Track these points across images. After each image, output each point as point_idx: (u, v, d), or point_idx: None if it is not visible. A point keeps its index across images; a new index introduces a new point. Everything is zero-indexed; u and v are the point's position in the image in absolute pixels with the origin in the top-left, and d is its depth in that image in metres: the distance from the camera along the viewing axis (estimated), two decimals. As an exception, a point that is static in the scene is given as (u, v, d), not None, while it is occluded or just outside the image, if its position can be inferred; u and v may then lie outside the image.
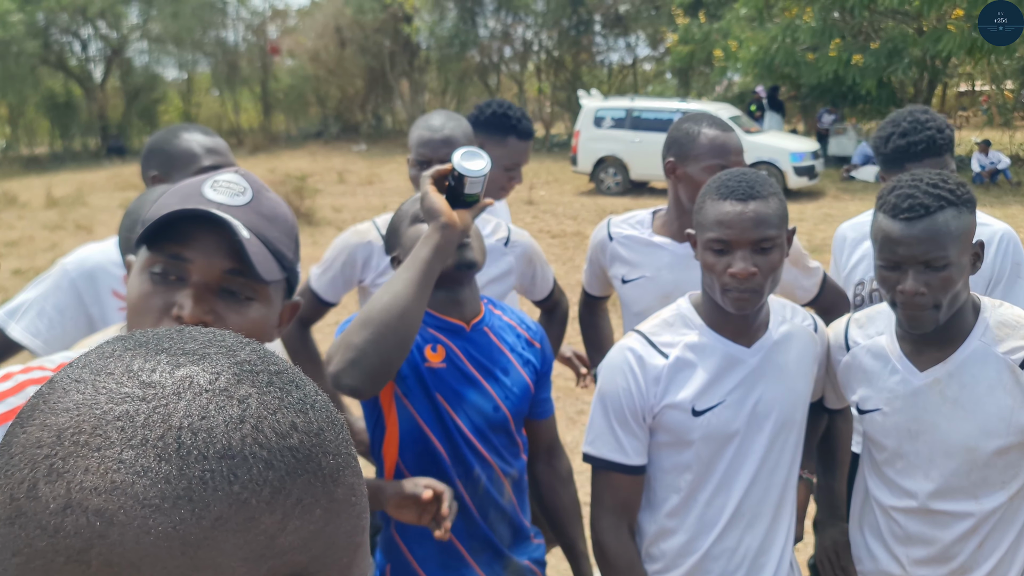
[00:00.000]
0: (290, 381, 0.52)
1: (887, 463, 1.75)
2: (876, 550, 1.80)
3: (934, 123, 2.20)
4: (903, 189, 1.60)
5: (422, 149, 2.31)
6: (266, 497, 0.46)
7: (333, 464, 0.51)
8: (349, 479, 0.52)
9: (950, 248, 1.56)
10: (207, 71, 28.61)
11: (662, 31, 21.16)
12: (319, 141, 25.33)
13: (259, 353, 0.53)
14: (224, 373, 0.49)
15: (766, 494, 1.75)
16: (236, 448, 0.46)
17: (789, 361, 1.76)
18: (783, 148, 13.59)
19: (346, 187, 15.91)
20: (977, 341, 1.66)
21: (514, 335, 1.89)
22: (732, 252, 1.65)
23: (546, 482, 2.00)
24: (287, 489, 0.47)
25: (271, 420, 0.48)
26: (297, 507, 0.48)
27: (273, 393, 0.50)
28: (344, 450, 0.53)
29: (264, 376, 0.51)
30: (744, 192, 1.65)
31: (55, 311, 2.00)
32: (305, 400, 0.52)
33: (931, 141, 2.18)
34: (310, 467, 0.49)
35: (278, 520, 0.47)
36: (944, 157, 2.20)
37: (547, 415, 1.99)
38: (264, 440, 0.47)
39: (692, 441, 1.72)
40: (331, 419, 0.53)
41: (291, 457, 0.48)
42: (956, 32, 13.06)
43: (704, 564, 1.76)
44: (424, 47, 24.94)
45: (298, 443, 0.49)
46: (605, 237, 2.46)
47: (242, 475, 0.46)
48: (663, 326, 1.78)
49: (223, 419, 0.47)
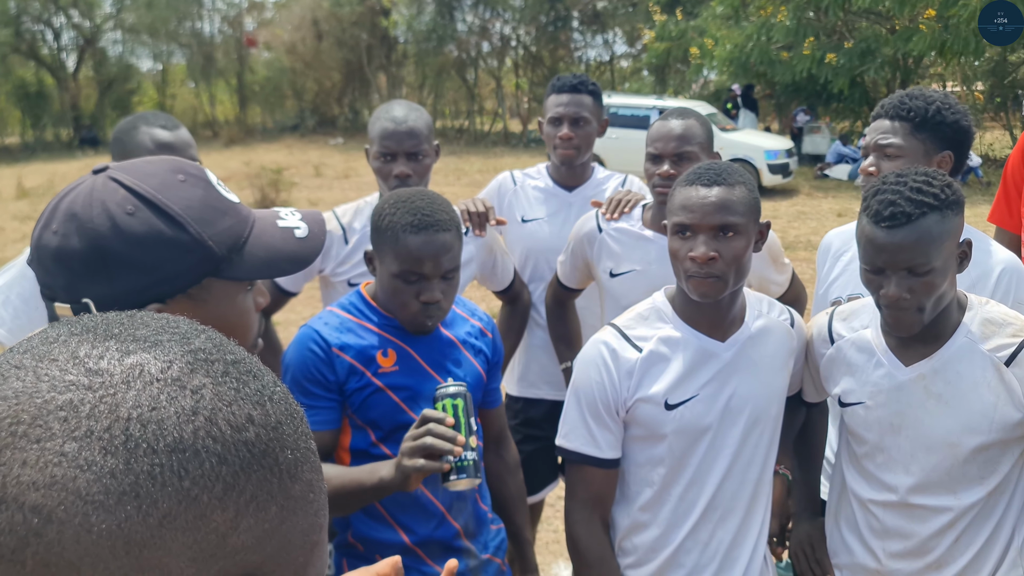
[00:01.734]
0: (247, 371, 0.49)
1: (867, 456, 1.76)
2: (852, 543, 1.81)
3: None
4: (886, 194, 1.59)
5: (387, 142, 2.32)
6: (218, 493, 0.44)
7: (291, 459, 0.48)
8: (307, 475, 0.49)
9: (932, 254, 1.56)
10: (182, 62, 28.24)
11: (639, 28, 21.20)
12: (295, 134, 25.08)
13: (215, 341, 0.50)
14: (177, 361, 0.47)
15: (740, 488, 1.76)
16: (188, 441, 0.44)
17: (764, 356, 1.77)
18: (758, 146, 13.69)
19: (322, 180, 15.80)
20: (963, 338, 1.67)
21: (466, 326, 1.91)
22: (695, 236, 1.66)
23: (494, 471, 2.01)
24: (241, 485, 0.45)
25: (226, 412, 0.46)
26: (251, 504, 0.45)
27: (229, 384, 0.47)
28: (303, 444, 0.50)
29: (220, 365, 0.48)
30: (710, 178, 1.67)
31: (20, 300, 1.97)
32: (263, 392, 0.49)
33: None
34: (266, 462, 0.46)
35: (231, 518, 0.44)
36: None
37: (496, 404, 2.01)
38: (218, 433, 0.45)
39: (665, 435, 1.72)
40: (290, 412, 0.50)
41: (246, 452, 0.46)
42: (927, 32, 13.21)
43: (677, 557, 1.77)
44: (402, 41, 24.79)
45: (254, 437, 0.46)
46: (594, 229, 2.44)
47: (193, 470, 0.43)
48: (638, 319, 1.79)
49: (175, 410, 0.44)
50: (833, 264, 2.26)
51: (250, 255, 0.94)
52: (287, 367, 1.78)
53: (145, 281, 0.89)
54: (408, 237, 1.68)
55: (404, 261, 1.69)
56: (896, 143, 2.01)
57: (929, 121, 1.99)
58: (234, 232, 0.94)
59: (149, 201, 0.90)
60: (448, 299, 1.76)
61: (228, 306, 0.94)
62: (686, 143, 2.28)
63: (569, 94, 2.64)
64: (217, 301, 0.93)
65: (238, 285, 0.96)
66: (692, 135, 2.30)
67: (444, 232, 1.70)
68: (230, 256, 0.93)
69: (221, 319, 0.91)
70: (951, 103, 2.03)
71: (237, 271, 0.93)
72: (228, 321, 0.93)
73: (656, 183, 2.30)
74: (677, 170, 2.26)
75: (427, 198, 1.74)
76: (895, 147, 2.01)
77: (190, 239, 0.90)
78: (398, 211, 1.71)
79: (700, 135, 2.32)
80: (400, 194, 1.76)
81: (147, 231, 0.89)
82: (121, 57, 27.13)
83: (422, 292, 1.71)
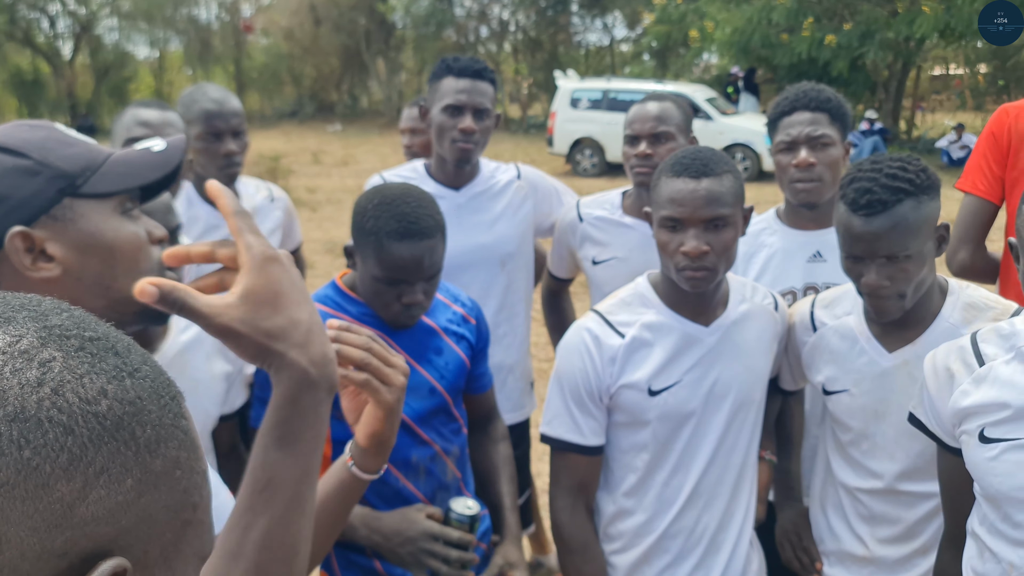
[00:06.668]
0: (108, 348, 0.49)
1: (852, 444, 1.75)
2: (839, 529, 1.81)
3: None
4: (862, 182, 1.58)
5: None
6: (63, 464, 0.44)
7: (151, 435, 0.48)
8: (172, 452, 0.50)
9: (910, 240, 1.55)
10: (179, 49, 28.17)
11: (640, 11, 21.10)
12: (293, 121, 25.05)
13: (76, 320, 0.50)
14: (28, 336, 0.47)
15: (724, 473, 1.76)
16: (30, 411, 0.44)
17: (748, 340, 1.76)
18: (758, 131, 13.62)
19: (321, 168, 15.76)
20: (945, 323, 1.66)
21: (448, 313, 1.87)
22: (685, 230, 1.64)
23: (478, 445, 1.97)
24: (89, 457, 0.45)
25: (74, 384, 0.46)
26: (102, 476, 0.46)
27: (83, 358, 0.47)
28: (169, 422, 0.50)
29: (75, 341, 0.48)
30: (697, 169, 1.64)
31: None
32: (123, 368, 0.49)
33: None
34: (120, 435, 0.47)
35: (77, 488, 0.45)
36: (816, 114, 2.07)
37: (485, 389, 1.98)
38: (64, 404, 0.45)
39: (648, 421, 1.72)
40: (156, 391, 0.50)
41: (96, 423, 0.46)
42: (930, 13, 13.13)
43: (662, 543, 1.76)
44: (400, 26, 24.70)
45: (106, 409, 0.46)
46: (575, 218, 2.45)
47: (35, 440, 0.44)
48: (620, 305, 1.77)
49: (18, 381, 0.45)
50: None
51: (108, 172, 0.96)
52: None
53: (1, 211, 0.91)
54: (392, 244, 1.62)
55: (388, 268, 1.64)
56: (827, 132, 2.05)
57: (838, 111, 2.08)
58: (85, 156, 0.95)
59: None
60: (429, 297, 1.72)
61: (99, 226, 0.94)
62: (663, 123, 2.28)
63: (471, 80, 2.32)
64: (87, 220, 0.94)
65: (106, 205, 0.96)
66: (669, 116, 2.29)
67: (429, 239, 1.64)
68: (85, 174, 0.94)
69: (98, 239, 0.93)
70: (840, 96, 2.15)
71: (96, 186, 0.94)
72: (107, 240, 0.94)
73: (634, 164, 2.29)
74: (654, 150, 2.26)
75: (413, 202, 1.66)
76: (828, 136, 2.05)
77: (32, 162, 0.92)
78: (382, 215, 1.64)
79: (677, 117, 2.31)
80: (386, 195, 1.68)
81: None
82: (117, 44, 27.10)
83: (404, 295, 1.67)
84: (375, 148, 18.43)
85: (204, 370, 1.70)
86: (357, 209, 1.71)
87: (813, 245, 2.10)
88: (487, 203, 2.45)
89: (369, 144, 18.98)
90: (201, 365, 1.69)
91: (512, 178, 2.53)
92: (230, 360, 1.69)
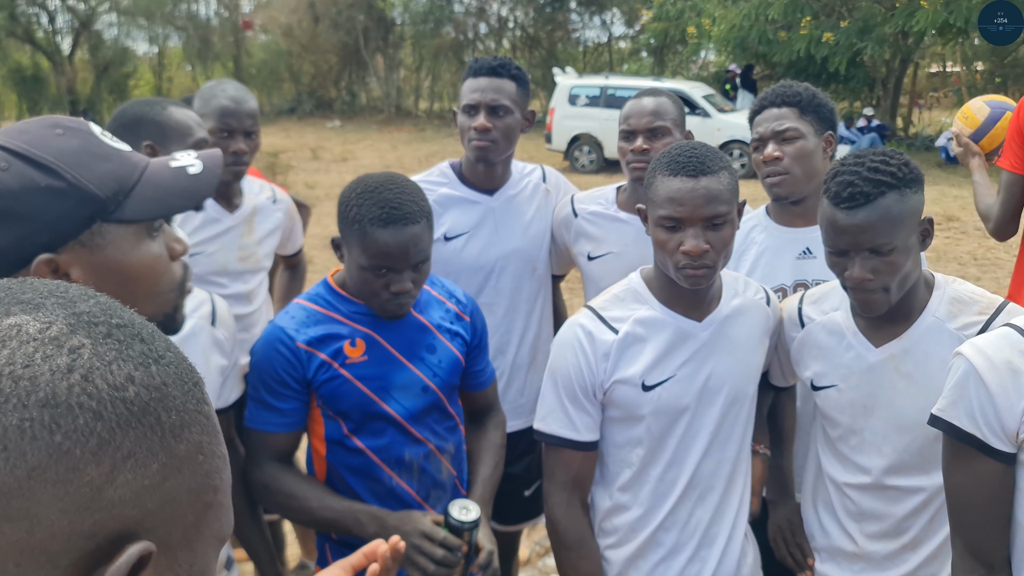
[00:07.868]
0: (134, 335, 0.50)
1: (841, 439, 1.76)
2: (829, 526, 1.82)
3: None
4: (844, 176, 1.59)
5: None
6: (92, 448, 0.45)
7: (176, 420, 0.50)
8: (195, 436, 0.51)
9: (894, 234, 1.56)
10: (179, 46, 28.11)
11: (638, 9, 21.08)
12: (292, 117, 25.01)
13: (103, 306, 0.51)
14: (57, 323, 0.48)
15: (718, 467, 1.76)
16: (61, 397, 0.45)
17: (741, 334, 1.76)
18: (756, 127, 13.63)
19: (320, 164, 15.75)
20: (931, 317, 1.67)
21: (441, 310, 1.87)
22: (684, 229, 1.64)
23: (470, 433, 1.96)
24: (117, 441, 0.46)
25: (103, 371, 0.47)
26: (129, 460, 0.47)
27: (111, 345, 0.49)
28: (192, 407, 0.51)
29: (103, 328, 0.49)
30: (694, 168, 1.64)
31: None
32: (149, 354, 0.50)
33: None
34: (147, 420, 0.48)
35: (106, 472, 0.46)
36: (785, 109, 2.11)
37: (485, 385, 1.97)
38: (93, 390, 0.46)
39: (643, 416, 1.72)
40: (180, 377, 0.52)
41: (124, 409, 0.47)
42: (929, 8, 13.12)
43: (657, 537, 1.77)
44: (399, 23, 24.67)
45: (134, 395, 0.48)
46: (570, 214, 2.45)
47: (65, 424, 0.45)
48: (614, 301, 1.78)
49: (49, 368, 0.46)
50: None
51: (139, 196, 0.95)
52: (253, 365, 1.75)
53: (26, 230, 0.90)
54: (376, 231, 1.62)
55: (373, 256, 1.64)
56: (792, 126, 2.08)
57: (810, 104, 2.12)
58: (118, 175, 0.95)
59: (20, 155, 0.92)
60: (418, 285, 1.72)
61: (128, 251, 0.95)
62: (658, 118, 2.28)
63: (487, 78, 2.29)
64: (115, 247, 0.94)
65: (137, 229, 0.96)
66: (664, 111, 2.29)
67: (413, 224, 1.64)
68: (117, 198, 0.94)
69: (122, 264, 0.94)
70: (818, 91, 2.19)
71: (126, 213, 0.94)
72: (130, 265, 0.94)
73: (630, 159, 2.30)
74: (650, 145, 2.26)
75: (395, 188, 1.66)
76: (793, 130, 2.08)
77: (65, 184, 0.91)
78: (365, 203, 1.64)
79: (672, 112, 2.31)
80: (368, 183, 1.68)
81: (21, 183, 0.91)
82: (117, 40, 27.04)
83: (392, 283, 1.67)
84: (373, 144, 18.41)
85: (200, 363, 1.71)
86: (341, 200, 1.70)
87: (802, 242, 2.12)
88: (520, 207, 2.44)
89: (367, 140, 18.96)
90: (197, 359, 1.70)
91: (539, 181, 2.53)
92: (225, 354, 1.71)
